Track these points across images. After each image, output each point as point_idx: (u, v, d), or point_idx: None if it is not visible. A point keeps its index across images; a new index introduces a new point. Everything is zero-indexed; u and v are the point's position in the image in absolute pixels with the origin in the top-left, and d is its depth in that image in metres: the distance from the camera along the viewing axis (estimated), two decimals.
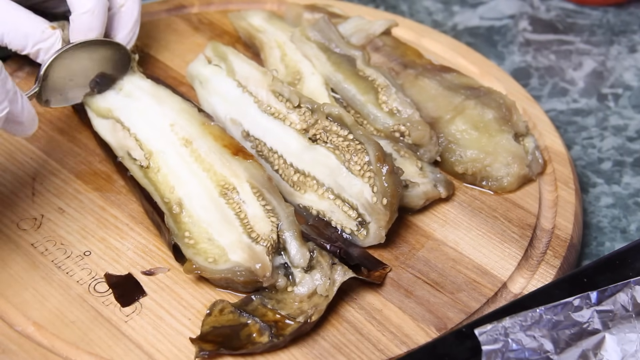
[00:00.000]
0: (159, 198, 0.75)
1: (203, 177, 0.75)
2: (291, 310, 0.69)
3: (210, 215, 0.73)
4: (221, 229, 0.72)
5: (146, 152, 0.78)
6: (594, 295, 0.65)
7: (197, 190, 0.75)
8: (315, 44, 0.86)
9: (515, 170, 0.80)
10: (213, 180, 0.75)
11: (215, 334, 0.67)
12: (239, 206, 0.73)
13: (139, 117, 0.80)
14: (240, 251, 0.71)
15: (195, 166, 0.76)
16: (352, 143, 0.75)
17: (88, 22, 0.80)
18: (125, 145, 0.79)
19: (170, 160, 0.77)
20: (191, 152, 0.77)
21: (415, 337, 0.68)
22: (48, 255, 0.73)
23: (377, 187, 0.73)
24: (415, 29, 0.98)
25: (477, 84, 0.86)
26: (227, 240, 0.71)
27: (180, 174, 0.76)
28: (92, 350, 0.66)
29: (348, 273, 0.70)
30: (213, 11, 1.00)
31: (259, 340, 0.67)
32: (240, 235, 0.72)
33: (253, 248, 0.71)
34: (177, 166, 0.76)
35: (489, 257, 0.75)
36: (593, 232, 0.83)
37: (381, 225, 0.73)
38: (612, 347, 0.64)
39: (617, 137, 0.93)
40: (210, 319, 0.68)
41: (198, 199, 0.74)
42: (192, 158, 0.77)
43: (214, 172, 0.75)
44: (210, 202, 0.74)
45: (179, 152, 0.77)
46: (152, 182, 0.76)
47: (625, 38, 1.06)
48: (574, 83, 0.99)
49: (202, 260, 0.70)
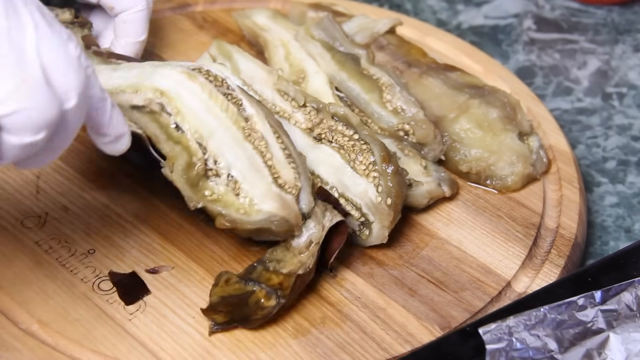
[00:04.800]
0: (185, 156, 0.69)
1: (223, 118, 0.70)
2: (292, 267, 0.69)
3: (240, 162, 0.70)
4: (251, 177, 0.70)
5: (153, 90, 0.71)
6: (598, 294, 0.65)
7: (223, 135, 0.70)
8: (319, 42, 0.86)
9: (520, 169, 0.80)
10: (233, 121, 0.71)
11: (224, 304, 0.68)
12: (265, 151, 0.71)
13: None
14: (271, 201, 0.69)
15: (211, 104, 0.71)
16: (357, 143, 0.75)
17: (142, 21, 0.76)
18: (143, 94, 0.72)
19: (187, 102, 0.70)
20: (202, 87, 0.71)
21: (419, 336, 0.68)
22: (52, 253, 0.73)
23: (382, 187, 0.73)
24: (419, 27, 0.98)
25: (482, 82, 0.86)
26: (257, 190, 0.69)
27: (204, 119, 0.70)
28: (95, 348, 0.66)
29: (336, 217, 0.70)
30: (217, 9, 1.00)
31: (267, 304, 0.67)
32: (270, 185, 0.70)
33: (283, 197, 0.69)
34: (194, 105, 0.70)
35: (493, 256, 0.75)
36: (597, 231, 0.83)
37: (384, 225, 0.73)
38: (616, 346, 0.63)
39: (621, 136, 0.93)
40: (217, 289, 0.69)
41: (227, 145, 0.70)
42: (206, 94, 0.71)
43: (233, 111, 0.71)
44: (238, 148, 0.70)
45: (189, 87, 0.71)
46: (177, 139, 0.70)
47: (630, 37, 1.05)
48: (579, 82, 0.99)
49: (234, 212, 0.69)
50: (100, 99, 0.58)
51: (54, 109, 0.53)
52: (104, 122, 0.59)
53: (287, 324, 0.69)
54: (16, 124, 0.52)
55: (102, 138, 0.60)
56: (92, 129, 0.60)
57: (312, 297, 0.71)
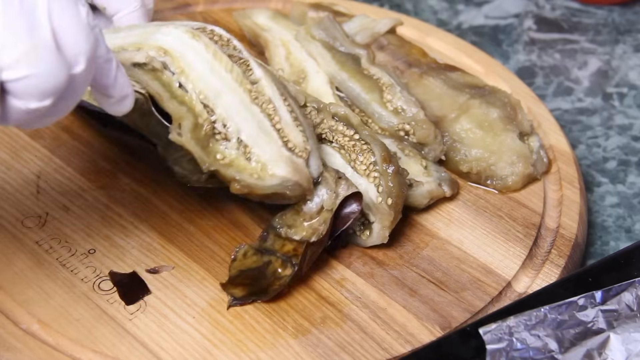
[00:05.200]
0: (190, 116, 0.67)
1: (229, 80, 0.69)
2: (304, 233, 0.70)
3: (249, 125, 0.69)
4: (261, 141, 0.68)
5: (157, 49, 0.69)
6: (599, 294, 0.65)
7: (230, 98, 0.68)
8: (320, 42, 0.86)
9: (520, 169, 0.80)
10: (239, 83, 0.69)
11: (243, 277, 0.69)
12: (273, 114, 0.69)
13: None
14: (284, 164, 0.68)
15: (216, 65, 0.69)
16: (358, 143, 0.75)
17: (138, 22, 0.76)
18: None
19: (191, 61, 0.68)
20: (206, 46, 0.69)
21: (420, 336, 0.68)
22: (53, 253, 0.73)
23: (383, 187, 0.73)
24: (419, 27, 0.98)
25: (482, 83, 0.86)
26: (268, 154, 0.68)
27: (209, 80, 0.68)
28: (96, 348, 0.66)
29: (352, 187, 0.71)
30: (218, 9, 1.00)
31: (284, 274, 0.69)
32: (280, 149, 0.69)
33: (294, 161, 0.69)
34: (197, 65, 0.68)
35: (494, 256, 0.75)
36: (598, 231, 0.83)
37: (385, 226, 0.73)
38: (616, 346, 0.63)
39: (622, 137, 0.93)
40: (236, 263, 0.69)
41: (235, 109, 0.68)
42: (211, 54, 0.69)
43: (238, 72, 0.69)
44: (246, 111, 0.69)
45: (192, 46, 0.69)
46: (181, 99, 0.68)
47: (631, 37, 1.05)
48: (579, 82, 0.99)
49: (247, 177, 0.68)
50: (106, 59, 0.57)
51: (63, 74, 0.52)
52: (108, 84, 0.58)
53: (288, 324, 0.69)
54: (24, 90, 0.52)
55: (107, 99, 0.59)
56: (97, 90, 0.59)
57: (313, 297, 0.71)
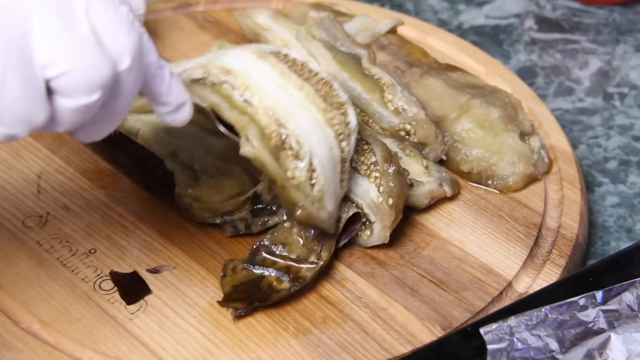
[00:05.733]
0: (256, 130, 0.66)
1: (299, 97, 0.68)
2: (298, 251, 0.70)
3: (322, 150, 0.67)
4: (328, 170, 0.67)
5: (220, 69, 0.68)
6: (600, 294, 0.65)
7: (303, 115, 0.67)
8: (320, 42, 0.86)
9: (521, 169, 0.80)
10: (313, 102, 0.68)
11: (239, 292, 0.68)
12: (345, 145, 0.69)
13: None
14: (333, 203, 0.69)
15: (284, 82, 0.68)
16: (358, 143, 0.75)
17: None
18: None
19: (256, 79, 0.67)
20: (273, 66, 0.68)
21: (421, 335, 0.68)
22: (53, 252, 0.73)
23: (384, 187, 0.73)
24: (420, 27, 0.98)
25: (483, 82, 0.86)
26: (330, 186, 0.67)
27: (278, 97, 0.67)
28: (97, 348, 0.66)
29: (352, 209, 0.71)
30: (219, 9, 1.00)
31: (280, 287, 0.68)
32: (337, 185, 0.69)
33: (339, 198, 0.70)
34: (268, 87, 0.67)
35: (494, 256, 0.75)
36: (598, 231, 0.83)
37: (386, 226, 0.73)
38: (617, 346, 0.63)
39: (622, 137, 0.93)
40: (227, 279, 0.69)
41: (309, 128, 0.67)
42: (277, 72, 0.68)
43: (309, 91, 0.69)
44: (319, 132, 0.67)
45: (258, 66, 0.68)
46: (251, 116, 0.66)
47: (632, 37, 1.05)
48: (580, 82, 0.99)
49: (309, 204, 0.67)
50: (157, 66, 0.57)
51: (107, 68, 0.52)
52: (162, 91, 0.58)
53: (288, 323, 0.69)
54: (69, 84, 0.51)
55: (163, 107, 0.59)
56: (152, 98, 0.58)
57: (313, 297, 0.71)
